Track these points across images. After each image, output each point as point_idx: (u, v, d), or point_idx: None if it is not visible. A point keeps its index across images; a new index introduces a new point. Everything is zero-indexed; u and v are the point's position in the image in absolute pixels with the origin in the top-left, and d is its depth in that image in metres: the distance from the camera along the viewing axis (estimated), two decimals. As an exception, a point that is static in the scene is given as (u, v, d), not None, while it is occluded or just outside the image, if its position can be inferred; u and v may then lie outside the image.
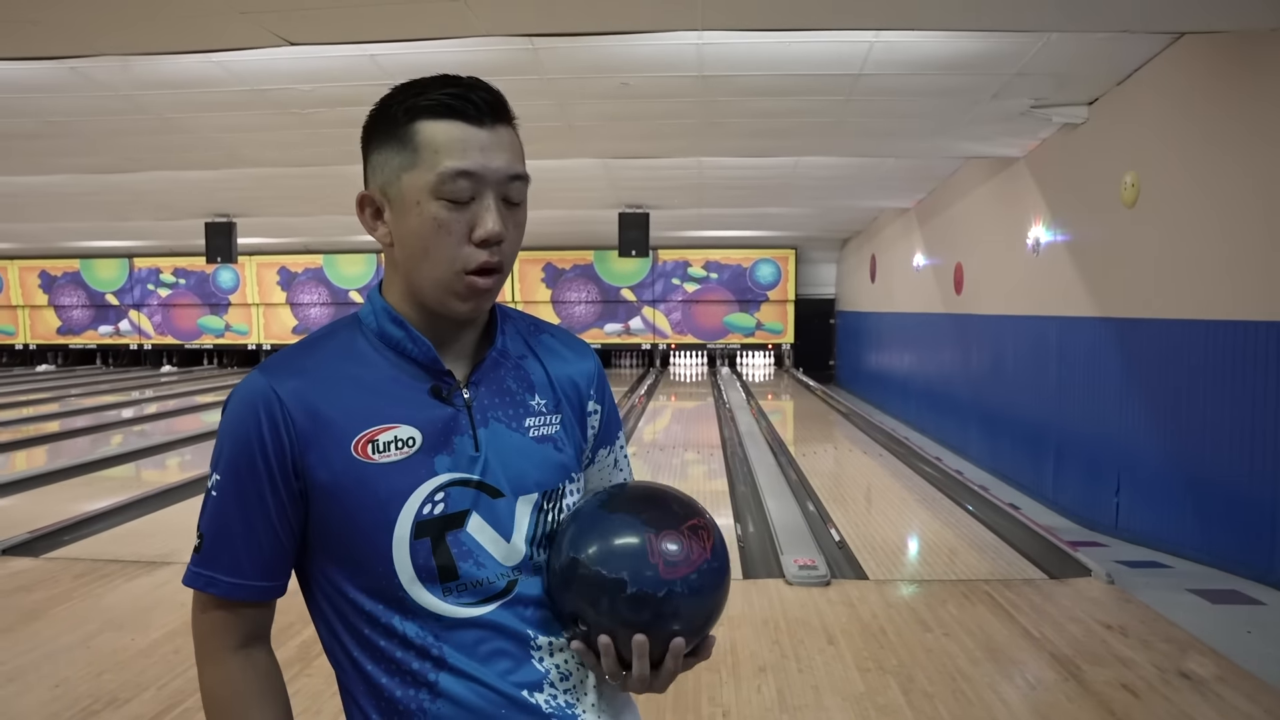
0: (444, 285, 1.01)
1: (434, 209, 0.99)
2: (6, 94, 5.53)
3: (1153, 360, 5.08)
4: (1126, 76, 5.21)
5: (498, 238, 1.00)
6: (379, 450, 1.00)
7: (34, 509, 5.93)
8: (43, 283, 18.40)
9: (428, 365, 1.05)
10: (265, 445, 1.00)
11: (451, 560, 1.02)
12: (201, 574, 1.03)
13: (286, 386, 1.01)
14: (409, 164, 1.00)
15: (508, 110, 1.03)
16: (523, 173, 1.03)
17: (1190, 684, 3.17)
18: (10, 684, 3.25)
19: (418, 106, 1.00)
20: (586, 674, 1.08)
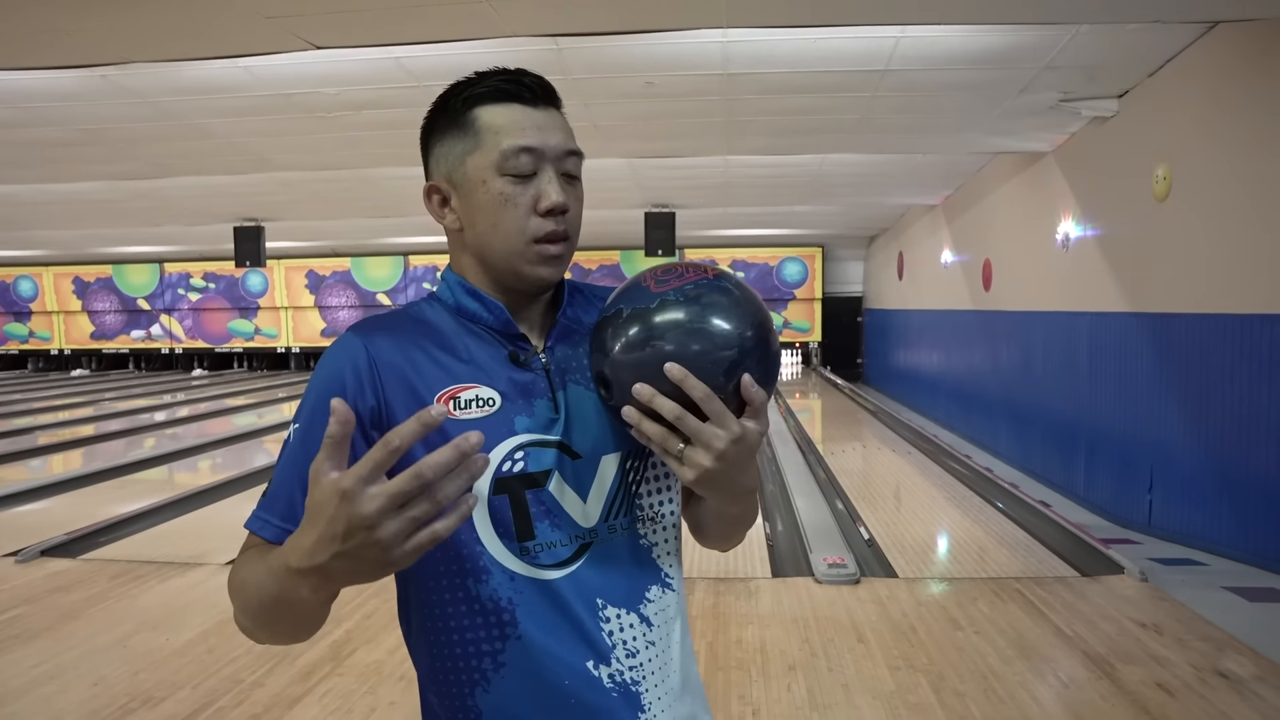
0: (517, 255, 1.06)
1: (499, 185, 1.04)
2: (39, 103, 5.63)
3: (1186, 355, 5.01)
4: (1158, 68, 5.13)
5: (562, 207, 1.05)
6: (461, 407, 1.04)
7: (71, 511, 6.03)
8: (76, 289, 18.69)
9: (503, 331, 1.09)
10: (347, 394, 1.01)
11: (529, 519, 1.03)
12: (259, 516, 1.02)
13: (376, 343, 1.05)
14: (472, 148, 1.05)
15: (557, 95, 1.10)
16: (578, 149, 1.09)
17: (1228, 683, 3.12)
18: (51, 682, 3.30)
19: (475, 95, 1.06)
20: (657, 654, 1.07)
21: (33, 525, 5.59)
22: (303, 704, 3.08)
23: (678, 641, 1.12)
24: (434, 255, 17.32)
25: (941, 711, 2.97)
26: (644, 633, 1.07)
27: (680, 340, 0.95)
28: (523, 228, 1.05)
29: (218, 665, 3.43)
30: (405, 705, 3.06)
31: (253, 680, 3.28)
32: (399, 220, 12.50)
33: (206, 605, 4.12)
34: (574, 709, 1.02)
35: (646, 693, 1.06)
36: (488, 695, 1.03)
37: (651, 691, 1.06)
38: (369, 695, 3.14)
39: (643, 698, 1.05)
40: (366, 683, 3.24)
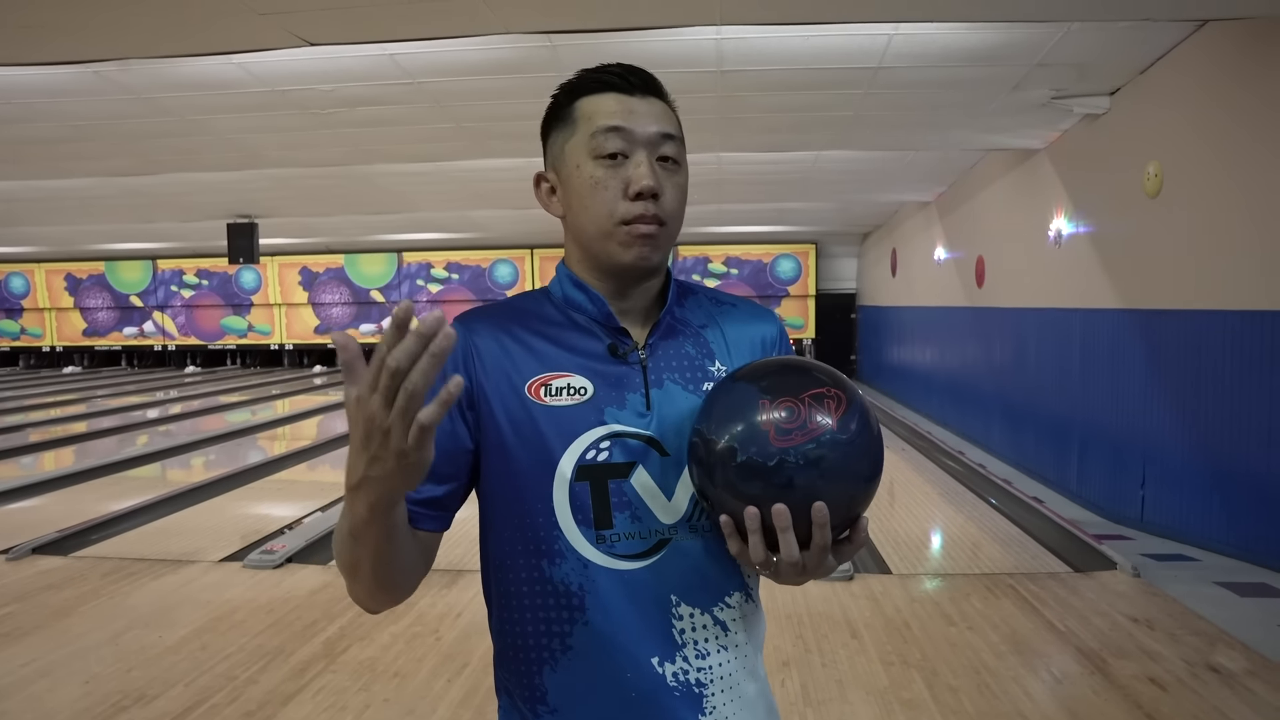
0: (606, 236, 1.07)
1: (590, 168, 1.06)
2: (31, 99, 5.61)
3: (1178, 351, 5.03)
4: (1149, 65, 5.15)
5: (650, 191, 1.05)
6: (551, 394, 1.06)
7: (62, 509, 6.01)
8: (69, 285, 18.62)
9: (604, 323, 1.11)
10: (458, 369, 1.05)
11: (609, 508, 1.04)
12: None
13: (475, 329, 1.09)
14: (570, 134, 1.09)
15: (660, 88, 1.12)
16: (673, 131, 1.09)
17: (1220, 678, 3.14)
18: (42, 679, 3.29)
19: (576, 86, 1.10)
20: (730, 659, 1.08)
21: (24, 523, 5.58)
22: (296, 701, 3.08)
23: (755, 653, 1.12)
24: (428, 252, 17.29)
25: (935, 707, 2.98)
26: (717, 635, 1.07)
27: (797, 500, 0.93)
28: (612, 210, 1.06)
29: (211, 662, 3.43)
30: (399, 701, 3.06)
31: (246, 677, 3.28)
32: (393, 217, 12.48)
33: (199, 603, 4.12)
34: (634, 701, 1.04)
35: (712, 696, 1.06)
36: (554, 675, 1.05)
37: (718, 696, 1.06)
38: (363, 692, 3.15)
39: (706, 701, 1.06)
40: (360, 679, 3.24)
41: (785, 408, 0.95)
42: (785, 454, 0.93)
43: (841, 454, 0.95)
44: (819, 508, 0.93)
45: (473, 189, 9.69)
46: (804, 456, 0.93)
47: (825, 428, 0.94)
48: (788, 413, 0.94)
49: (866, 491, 0.98)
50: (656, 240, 1.07)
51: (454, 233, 14.67)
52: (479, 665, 3.34)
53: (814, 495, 0.93)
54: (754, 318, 1.20)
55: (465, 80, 5.30)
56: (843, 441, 0.95)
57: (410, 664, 3.37)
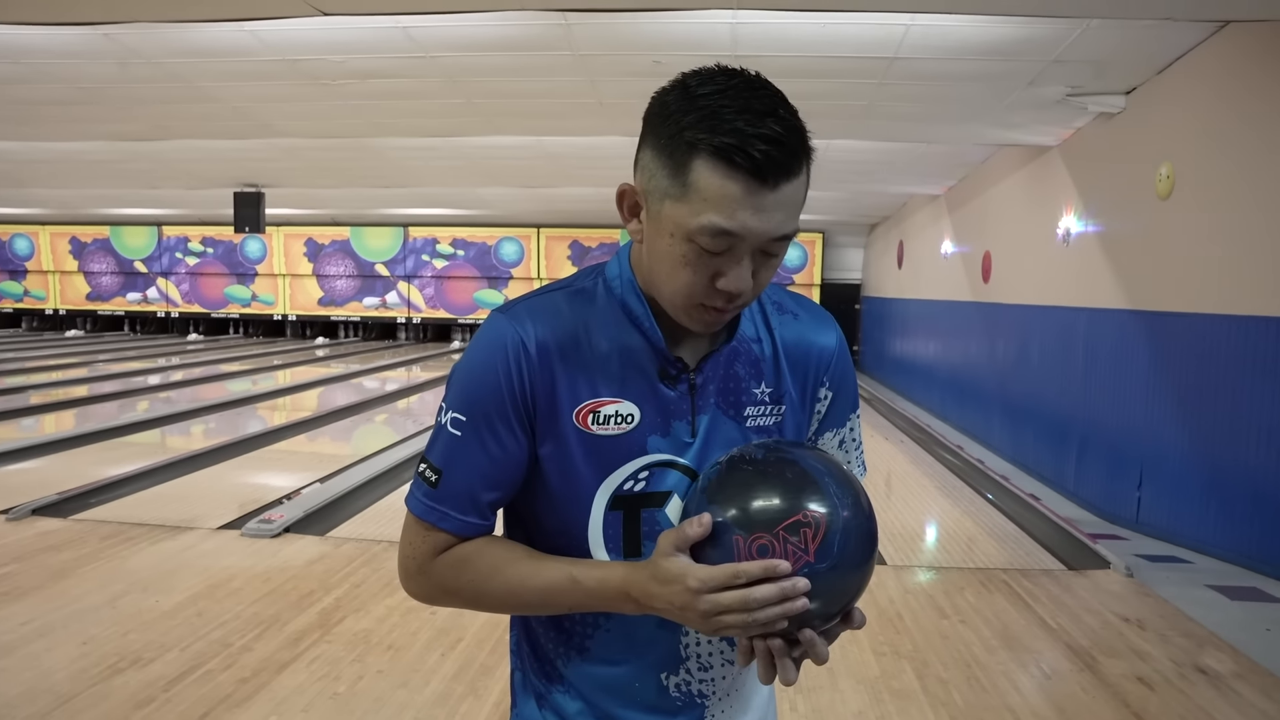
0: (678, 308, 1.01)
1: (684, 248, 0.95)
2: (40, 59, 5.58)
3: (1181, 354, 5.03)
4: (1166, 66, 5.12)
5: (740, 293, 0.97)
6: (599, 422, 1.03)
7: (62, 472, 6.03)
8: (73, 249, 18.62)
9: (658, 350, 1.05)
10: (514, 390, 1.01)
11: (638, 538, 1.04)
12: (435, 509, 1.03)
13: (532, 336, 1.02)
14: (676, 195, 0.93)
15: (798, 162, 0.93)
16: (791, 232, 0.96)
17: (1207, 679, 3.16)
18: (40, 639, 3.32)
19: (702, 143, 0.90)
20: (734, 673, 1.11)
21: (24, 484, 5.60)
22: (290, 669, 3.10)
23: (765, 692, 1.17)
24: (433, 227, 17.27)
25: (924, 698, 3.00)
26: (722, 650, 1.10)
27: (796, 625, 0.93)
28: (692, 294, 0.97)
29: (207, 629, 3.45)
30: (393, 673, 3.08)
31: (241, 644, 3.30)
32: (400, 191, 12.45)
33: (197, 569, 4.14)
34: (638, 703, 1.09)
35: (711, 705, 1.11)
36: (568, 667, 1.10)
37: (717, 704, 1.11)
38: (357, 663, 3.17)
39: (707, 709, 1.10)
40: (354, 650, 3.26)
41: (760, 546, 0.92)
42: None
43: (821, 584, 0.92)
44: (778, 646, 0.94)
45: (481, 166, 9.67)
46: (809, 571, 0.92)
47: (803, 562, 0.91)
48: (761, 552, 0.92)
49: (858, 588, 0.97)
50: (726, 318, 1.02)
51: (461, 209, 14.64)
52: (473, 640, 3.36)
53: (802, 620, 0.93)
54: (814, 330, 1.14)
55: (478, 56, 5.28)
56: (822, 570, 0.92)
57: (405, 637, 3.39)
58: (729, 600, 0.89)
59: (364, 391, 11.02)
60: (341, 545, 4.54)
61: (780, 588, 0.88)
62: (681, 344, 1.06)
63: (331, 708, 2.86)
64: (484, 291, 17.58)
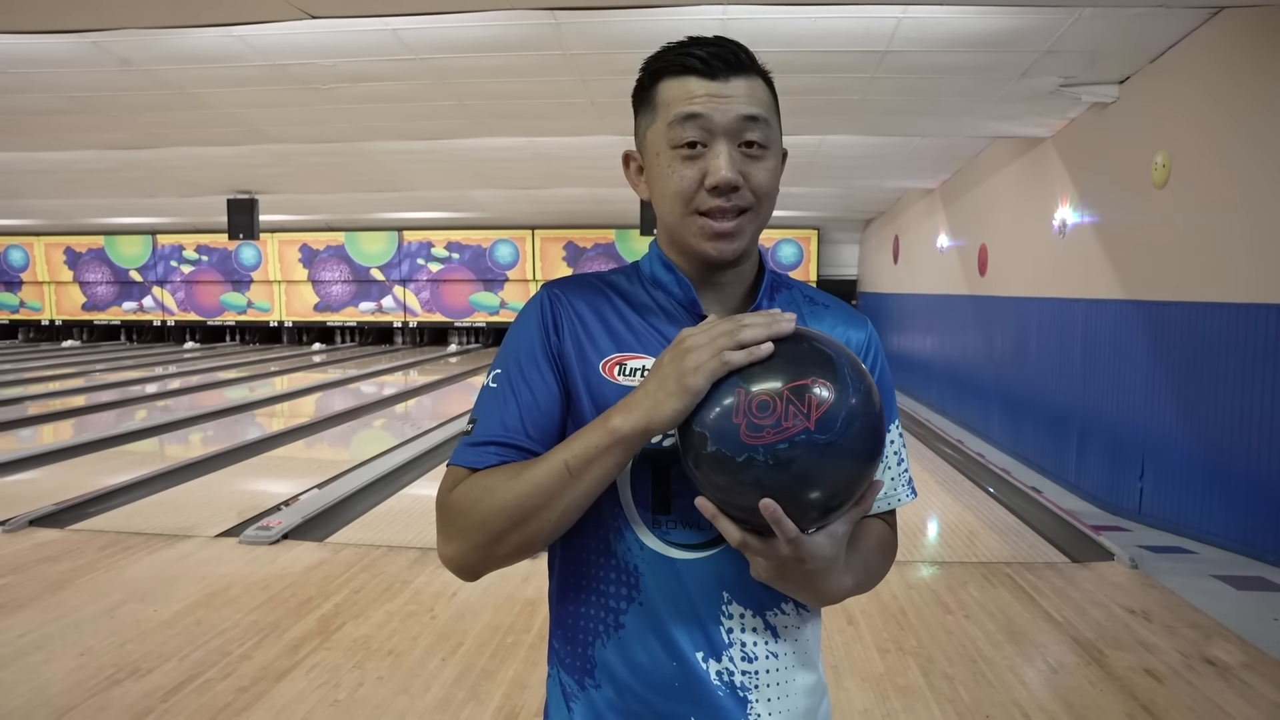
0: (684, 227, 1.06)
1: (668, 158, 1.04)
2: (29, 68, 5.55)
3: (1180, 343, 5.01)
4: (1160, 54, 5.10)
5: (729, 184, 1.01)
6: (625, 374, 1.05)
7: (59, 482, 6.00)
8: (68, 259, 18.57)
9: (688, 307, 1.09)
10: (545, 335, 1.07)
11: (669, 495, 1.03)
12: (468, 451, 1.04)
13: (564, 297, 1.10)
14: (651, 121, 1.07)
15: (746, 63, 1.05)
16: (758, 114, 1.03)
17: (1215, 670, 3.13)
18: (38, 651, 3.29)
19: (657, 68, 1.06)
20: (780, 667, 1.05)
21: (21, 495, 5.57)
22: (290, 677, 3.07)
23: (808, 666, 1.09)
24: (428, 230, 17.23)
25: (930, 694, 2.97)
26: (766, 641, 1.05)
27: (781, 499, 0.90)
28: (688, 200, 1.04)
29: (205, 637, 3.42)
30: (393, 680, 3.06)
31: (240, 653, 3.27)
32: (393, 195, 12.42)
33: (195, 578, 4.11)
34: (677, 692, 1.03)
35: (757, 703, 1.04)
36: (604, 651, 1.05)
37: (763, 704, 1.04)
38: (356, 670, 3.14)
39: (751, 707, 1.04)
40: (354, 657, 3.24)
41: (761, 401, 0.89)
42: (754, 451, 0.88)
43: (817, 455, 0.88)
44: (766, 505, 0.89)
45: (474, 168, 9.64)
46: (774, 456, 0.88)
47: (801, 427, 0.88)
48: (762, 407, 0.89)
49: (855, 483, 0.93)
50: (735, 234, 1.04)
51: (455, 212, 14.62)
52: (473, 645, 3.34)
53: (786, 493, 0.89)
54: (845, 323, 1.16)
55: (468, 57, 5.25)
56: (820, 443, 0.88)
57: (405, 642, 3.36)
58: (716, 322, 0.95)
59: (361, 396, 10.99)
60: (340, 551, 4.51)
61: (771, 314, 0.94)
62: (711, 305, 1.11)
63: (331, 715, 2.83)
64: (480, 294, 17.55)
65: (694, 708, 1.02)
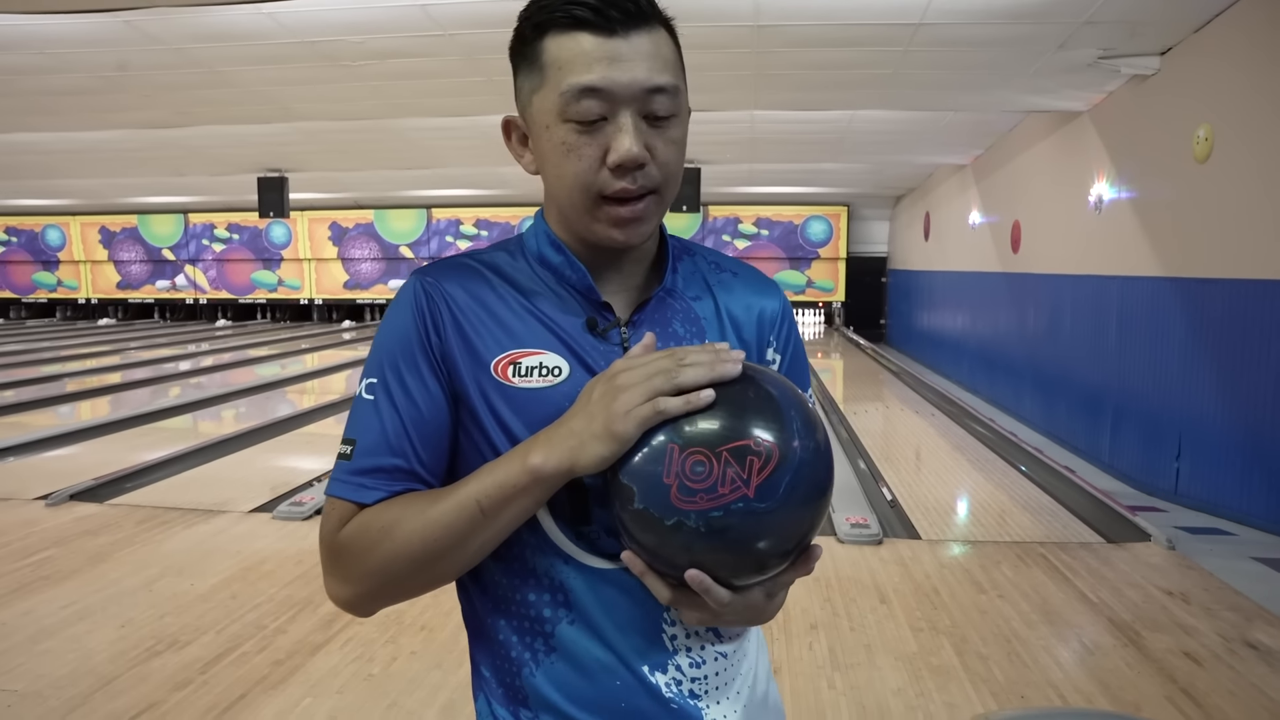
0: (585, 214, 0.93)
1: (562, 133, 0.90)
2: (62, 49, 5.59)
3: (1220, 321, 4.91)
4: (1204, 24, 4.97)
5: (634, 161, 0.89)
6: (520, 374, 0.93)
7: (97, 457, 6.10)
8: (103, 238, 18.80)
9: (584, 293, 0.97)
10: (423, 336, 0.94)
11: (587, 503, 0.92)
12: (347, 481, 0.92)
13: (444, 284, 0.96)
14: (538, 84, 0.91)
15: (651, 13, 0.91)
16: (665, 83, 0.90)
17: (1257, 654, 3.09)
18: (81, 622, 3.35)
19: (544, 21, 0.90)
20: (728, 666, 0.98)
21: (61, 470, 5.66)
22: (324, 651, 3.11)
23: (752, 655, 1.02)
24: (457, 209, 17.26)
25: (964, 674, 2.95)
26: (712, 642, 0.97)
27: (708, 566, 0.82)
28: (589, 182, 0.90)
29: (241, 611, 3.47)
30: (426, 654, 3.08)
31: (275, 627, 3.31)
32: (422, 172, 12.44)
33: (230, 552, 4.17)
34: (624, 713, 0.93)
35: (709, 709, 0.96)
36: (536, 678, 0.94)
37: (714, 709, 0.96)
38: (390, 644, 3.17)
39: (705, 713, 0.95)
40: (388, 631, 3.27)
41: (695, 460, 0.80)
42: (685, 517, 0.80)
43: (754, 522, 0.80)
44: (692, 577, 0.82)
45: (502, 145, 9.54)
46: (707, 523, 0.79)
47: (739, 495, 0.79)
48: (696, 469, 0.80)
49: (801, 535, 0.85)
50: (643, 218, 0.93)
51: (483, 189, 14.61)
52: (506, 621, 3.35)
53: (718, 559, 0.82)
54: (756, 290, 1.06)
55: (497, 33, 5.21)
56: (759, 511, 0.79)
57: (438, 618, 3.39)
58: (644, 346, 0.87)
59: (391, 374, 11.04)
60: (373, 527, 4.55)
61: (715, 350, 0.84)
62: (611, 294, 0.99)
63: (366, 689, 2.86)
64: (508, 272, 17.56)
65: None
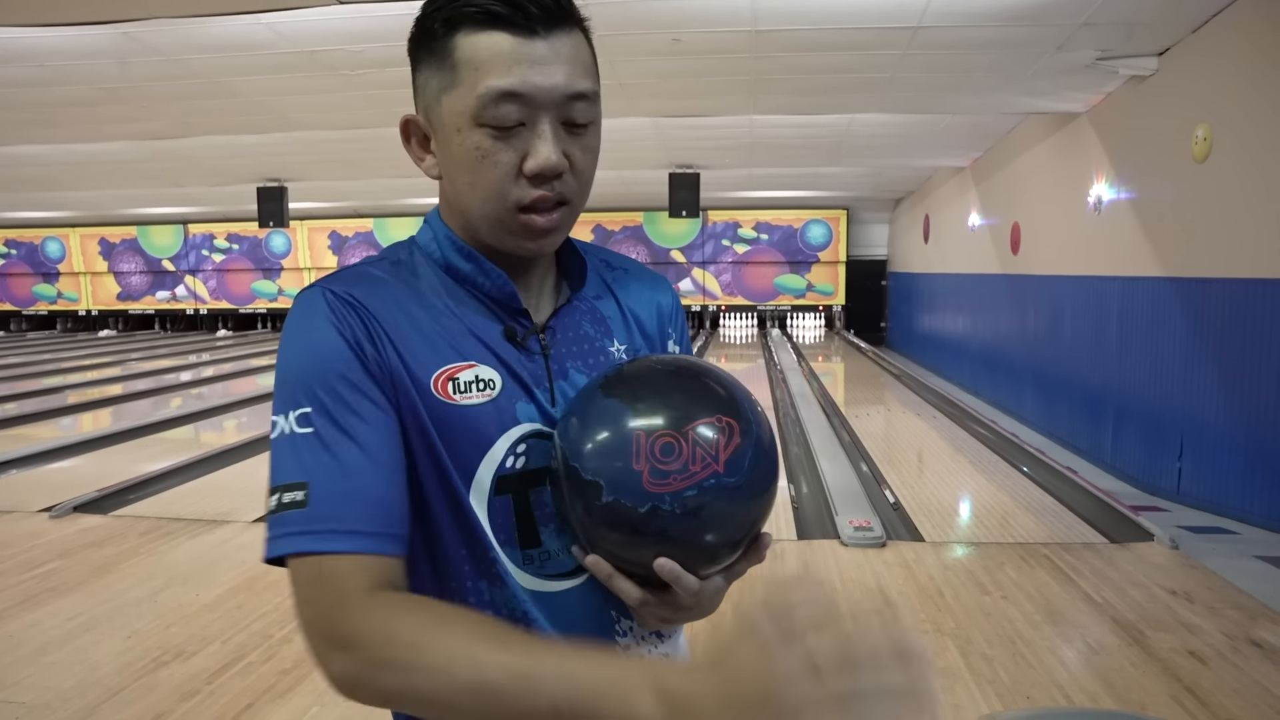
0: (498, 223, 0.88)
1: (476, 137, 0.84)
2: (62, 61, 5.61)
3: (1221, 321, 4.92)
4: (1202, 24, 4.98)
5: (553, 170, 0.85)
6: (460, 390, 0.87)
7: (100, 468, 6.10)
8: (102, 249, 18.82)
9: (503, 302, 0.92)
10: (359, 350, 0.84)
11: (534, 524, 0.89)
12: (316, 531, 0.78)
13: (357, 292, 0.87)
14: (448, 84, 0.85)
15: (569, 13, 0.86)
16: (586, 90, 0.86)
17: (1262, 653, 3.09)
18: (87, 633, 3.35)
19: (458, 15, 0.84)
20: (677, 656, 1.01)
21: (64, 482, 5.67)
22: (332, 660, 3.11)
23: (683, 649, 1.04)
24: (456, 217, 17.27)
25: (969, 675, 2.96)
26: (656, 644, 0.98)
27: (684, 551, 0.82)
28: (504, 191, 0.86)
29: (247, 621, 3.47)
30: (433, 662, 3.08)
31: (281, 636, 3.31)
32: (421, 181, 12.34)
33: (234, 562, 4.17)
34: None
35: None
36: None
37: None
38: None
39: None
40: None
41: (664, 443, 0.80)
42: (659, 500, 0.80)
43: (726, 499, 0.81)
44: (661, 565, 0.81)
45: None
46: (682, 505, 0.80)
47: (710, 471, 0.80)
48: (666, 451, 0.80)
49: (756, 523, 0.87)
50: (558, 229, 0.90)
51: (482, 197, 14.62)
52: (511, 627, 3.36)
53: (691, 543, 0.82)
54: (650, 286, 1.07)
55: (496, 41, 5.24)
56: (730, 486, 0.80)
57: (443, 625, 3.39)
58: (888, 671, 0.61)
59: (392, 382, 11.05)
60: (377, 535, 4.55)
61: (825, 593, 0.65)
62: (524, 294, 0.95)
63: (373, 697, 2.86)
64: (508, 279, 17.58)
65: None
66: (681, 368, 0.88)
